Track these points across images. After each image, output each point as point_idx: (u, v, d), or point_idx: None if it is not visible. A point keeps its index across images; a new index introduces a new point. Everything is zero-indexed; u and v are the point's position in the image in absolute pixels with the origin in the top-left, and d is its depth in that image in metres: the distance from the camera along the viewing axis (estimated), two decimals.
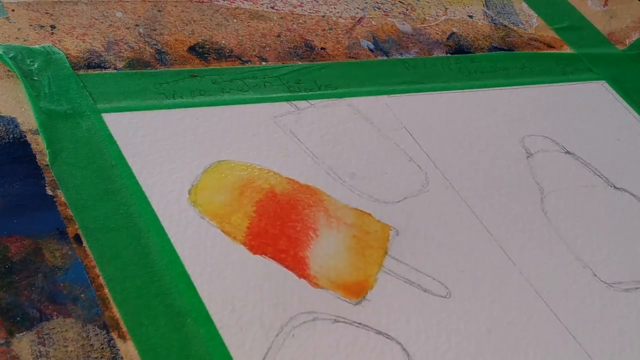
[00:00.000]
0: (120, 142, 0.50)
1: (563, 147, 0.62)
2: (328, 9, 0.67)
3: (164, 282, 0.44)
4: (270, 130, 0.54)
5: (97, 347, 0.40)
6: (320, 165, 0.53)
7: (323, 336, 0.44)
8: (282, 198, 0.50)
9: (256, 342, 0.43)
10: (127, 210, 0.46)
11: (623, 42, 0.78)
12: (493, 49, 0.70)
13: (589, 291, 0.51)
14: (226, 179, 0.50)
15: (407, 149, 0.56)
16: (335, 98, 0.58)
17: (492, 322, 0.48)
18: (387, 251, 0.49)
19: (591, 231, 0.55)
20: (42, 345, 0.39)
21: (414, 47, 0.67)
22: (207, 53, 0.58)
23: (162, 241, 0.45)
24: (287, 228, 0.48)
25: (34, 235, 0.44)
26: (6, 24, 0.55)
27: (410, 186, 0.54)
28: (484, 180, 0.56)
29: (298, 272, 0.46)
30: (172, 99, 0.54)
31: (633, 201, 0.59)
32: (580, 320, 0.49)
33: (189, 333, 0.42)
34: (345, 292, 0.46)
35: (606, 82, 0.71)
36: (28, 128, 0.49)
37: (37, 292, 0.41)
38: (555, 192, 0.57)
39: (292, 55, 0.61)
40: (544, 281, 0.51)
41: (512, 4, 0.77)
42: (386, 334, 0.45)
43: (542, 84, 0.68)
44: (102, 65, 0.54)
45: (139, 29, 0.58)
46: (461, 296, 0.48)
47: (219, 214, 0.48)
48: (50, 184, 0.46)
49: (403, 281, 0.48)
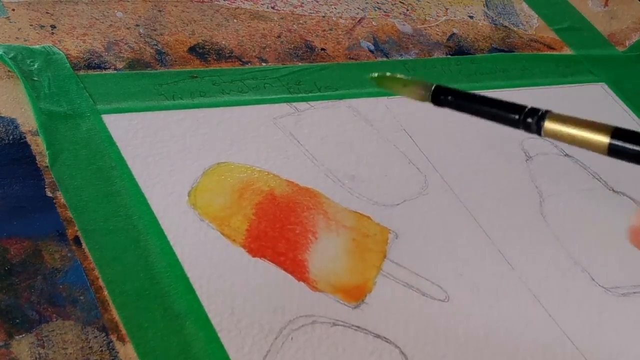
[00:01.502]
0: (120, 144, 0.50)
1: (562, 149, 0.62)
2: (328, 9, 0.67)
3: (163, 284, 0.44)
4: (270, 132, 0.54)
5: (96, 349, 0.40)
6: (319, 168, 0.53)
7: (322, 339, 0.44)
8: (282, 200, 0.50)
9: (255, 346, 0.43)
10: (126, 213, 0.46)
11: (623, 43, 0.78)
12: (493, 50, 0.70)
13: (587, 295, 0.52)
14: (226, 181, 0.50)
15: (406, 151, 0.57)
16: (335, 99, 0.58)
17: (491, 326, 0.48)
18: (386, 254, 0.49)
19: (590, 235, 0.55)
20: (42, 347, 0.40)
21: (414, 48, 0.67)
22: (207, 54, 0.58)
23: (161, 243, 0.45)
24: (286, 231, 0.48)
25: (33, 237, 0.44)
26: (6, 24, 0.55)
27: (410, 189, 0.54)
28: (483, 184, 0.56)
29: (297, 275, 0.46)
30: (172, 100, 0.54)
31: (632, 205, 0.59)
32: (578, 325, 0.50)
33: (188, 336, 0.42)
34: (344, 296, 0.46)
35: (606, 84, 0.71)
36: (28, 129, 0.49)
37: (36, 294, 0.41)
38: (554, 195, 0.57)
39: (292, 56, 0.61)
40: (542, 285, 0.51)
41: (513, 4, 0.77)
42: (385, 337, 0.45)
43: (541, 86, 0.68)
44: (102, 65, 0.54)
45: (139, 29, 0.58)
46: (460, 300, 0.48)
47: (218, 217, 0.48)
48: (50, 186, 0.46)
49: (402, 285, 0.48)
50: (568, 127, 0.38)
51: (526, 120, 0.39)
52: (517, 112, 0.40)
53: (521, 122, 0.40)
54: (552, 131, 0.39)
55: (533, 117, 0.39)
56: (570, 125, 0.38)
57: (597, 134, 0.37)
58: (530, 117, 0.39)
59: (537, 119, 0.39)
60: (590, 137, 0.37)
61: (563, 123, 0.38)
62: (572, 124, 0.38)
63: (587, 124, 0.38)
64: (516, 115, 0.40)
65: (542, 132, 0.39)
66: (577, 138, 0.38)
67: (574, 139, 0.38)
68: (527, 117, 0.39)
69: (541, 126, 0.39)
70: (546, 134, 0.39)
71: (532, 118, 0.39)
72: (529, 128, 0.39)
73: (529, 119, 0.39)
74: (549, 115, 0.39)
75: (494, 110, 0.42)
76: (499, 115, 0.42)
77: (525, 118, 0.39)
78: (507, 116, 0.41)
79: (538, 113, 0.39)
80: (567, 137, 0.38)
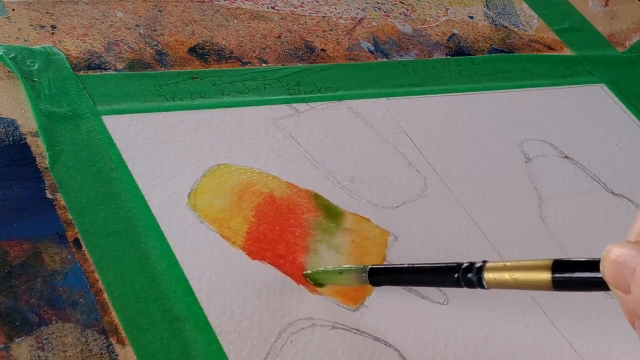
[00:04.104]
0: (120, 145, 0.50)
1: (561, 151, 0.62)
2: (329, 9, 0.67)
3: (163, 287, 0.44)
4: (270, 134, 0.54)
5: (96, 352, 0.40)
6: (319, 170, 0.53)
7: (321, 342, 0.44)
8: (281, 202, 0.50)
9: (254, 349, 0.43)
10: (126, 215, 0.46)
11: (623, 44, 0.78)
12: (493, 50, 0.70)
13: (586, 298, 0.52)
14: (225, 182, 0.50)
15: (406, 153, 0.57)
16: (334, 100, 0.58)
17: (490, 329, 0.48)
18: (386, 257, 0.49)
19: (589, 238, 0.55)
20: (41, 350, 0.40)
21: (414, 48, 0.67)
22: (207, 54, 0.58)
23: (161, 246, 0.45)
24: (286, 233, 0.48)
25: (33, 239, 0.44)
26: (7, 24, 0.54)
27: (409, 191, 0.54)
28: (483, 186, 0.56)
29: (297, 278, 0.46)
30: (172, 101, 0.54)
31: (630, 207, 0.59)
32: (577, 328, 0.50)
33: (188, 338, 0.42)
34: (344, 299, 0.46)
35: (605, 85, 0.71)
36: (28, 130, 0.49)
37: (36, 297, 0.41)
38: (553, 197, 0.58)
39: (292, 57, 0.61)
40: None
41: (513, 4, 0.77)
42: (384, 340, 0.45)
43: (541, 87, 0.68)
44: (102, 66, 0.54)
45: (140, 30, 0.58)
46: (459, 303, 0.48)
47: (218, 219, 0.48)
48: (50, 187, 0.46)
49: (401, 288, 0.48)
50: (508, 273, 0.37)
51: (466, 277, 0.39)
52: (455, 271, 0.40)
53: (462, 279, 0.39)
54: (495, 281, 0.38)
55: (472, 272, 0.39)
56: (510, 270, 0.37)
57: (538, 272, 0.35)
58: (469, 273, 0.39)
59: (477, 272, 0.38)
60: (532, 278, 0.36)
61: (502, 270, 0.37)
62: (510, 268, 0.37)
63: (525, 265, 0.36)
64: (455, 274, 0.40)
65: (484, 285, 0.38)
66: (520, 281, 0.36)
67: (517, 282, 0.37)
68: (465, 273, 0.39)
69: (482, 278, 0.38)
70: (489, 285, 0.38)
71: (471, 273, 0.39)
72: (472, 284, 0.39)
73: (468, 274, 0.39)
74: (486, 266, 0.38)
75: (432, 277, 0.43)
76: (439, 280, 0.42)
77: (465, 274, 0.39)
78: (446, 278, 0.41)
79: (475, 266, 0.39)
80: (511, 282, 0.37)
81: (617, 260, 0.32)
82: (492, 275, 0.38)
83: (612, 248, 0.33)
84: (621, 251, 0.32)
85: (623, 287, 0.32)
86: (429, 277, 0.43)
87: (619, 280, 0.32)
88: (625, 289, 0.32)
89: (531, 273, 0.36)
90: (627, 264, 0.32)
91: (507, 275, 0.37)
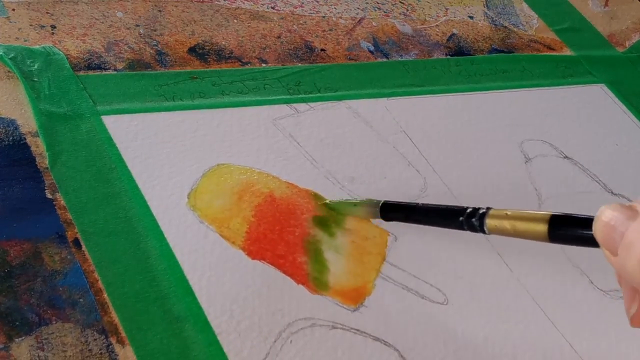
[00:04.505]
0: (120, 145, 0.50)
1: (561, 151, 0.62)
2: (328, 9, 0.67)
3: (162, 287, 0.44)
4: (270, 134, 0.54)
5: (96, 352, 0.40)
6: (319, 170, 0.53)
7: (321, 342, 0.44)
8: (281, 202, 0.50)
9: (254, 349, 0.43)
10: (126, 215, 0.46)
11: (623, 44, 0.78)
12: (493, 50, 0.70)
13: (586, 298, 0.52)
14: (225, 182, 0.50)
15: (406, 153, 0.57)
16: (334, 100, 0.58)
17: (490, 329, 0.48)
18: (386, 257, 0.49)
19: None
20: (41, 350, 0.40)
21: (414, 48, 0.67)
22: (207, 54, 0.58)
23: (161, 246, 0.45)
24: (285, 233, 0.48)
25: (33, 239, 0.44)
26: (7, 24, 0.54)
27: (409, 191, 0.54)
28: (483, 186, 0.56)
29: (296, 278, 0.46)
30: (172, 101, 0.54)
31: None
32: (576, 328, 0.50)
33: (188, 338, 0.42)
34: (343, 298, 0.46)
35: (605, 85, 0.71)
36: (28, 130, 0.49)
37: (36, 297, 0.41)
38: (553, 197, 0.58)
39: (292, 57, 0.61)
40: (540, 288, 0.51)
41: (513, 4, 0.77)
42: (384, 340, 0.45)
43: (541, 87, 0.68)
44: (102, 66, 0.54)
45: (139, 30, 0.58)
46: (459, 303, 0.49)
47: (218, 219, 0.48)
48: (49, 187, 0.46)
49: (401, 287, 0.48)
50: (509, 221, 0.39)
51: (470, 221, 0.42)
52: (460, 215, 0.43)
53: (465, 223, 0.43)
54: (496, 228, 0.41)
55: (475, 217, 0.42)
56: (511, 219, 0.39)
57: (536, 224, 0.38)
58: (472, 217, 0.42)
59: (480, 218, 0.41)
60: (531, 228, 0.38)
61: (503, 218, 0.40)
62: (511, 217, 0.39)
63: (525, 215, 0.39)
64: (460, 217, 0.43)
65: (485, 230, 0.41)
66: (519, 230, 0.39)
67: (516, 231, 0.39)
68: (469, 218, 0.42)
69: (484, 224, 0.41)
70: (490, 230, 0.41)
71: (475, 218, 0.42)
72: (474, 228, 0.42)
73: (472, 219, 0.42)
74: (489, 213, 0.41)
75: (439, 218, 0.46)
76: (444, 221, 0.46)
77: (469, 219, 0.42)
78: (451, 221, 0.44)
79: (479, 212, 0.42)
80: (510, 230, 0.40)
81: (608, 222, 0.33)
82: (494, 222, 0.41)
83: (605, 210, 0.34)
84: (612, 214, 0.33)
85: (612, 249, 0.33)
86: (435, 218, 0.46)
87: (608, 242, 0.33)
88: (614, 251, 0.33)
89: (530, 224, 0.38)
90: (617, 228, 0.33)
91: (507, 223, 0.40)
